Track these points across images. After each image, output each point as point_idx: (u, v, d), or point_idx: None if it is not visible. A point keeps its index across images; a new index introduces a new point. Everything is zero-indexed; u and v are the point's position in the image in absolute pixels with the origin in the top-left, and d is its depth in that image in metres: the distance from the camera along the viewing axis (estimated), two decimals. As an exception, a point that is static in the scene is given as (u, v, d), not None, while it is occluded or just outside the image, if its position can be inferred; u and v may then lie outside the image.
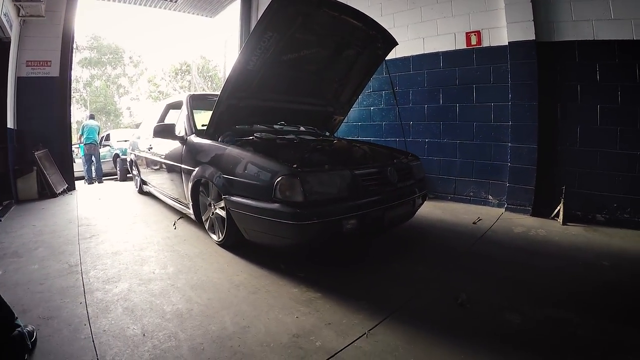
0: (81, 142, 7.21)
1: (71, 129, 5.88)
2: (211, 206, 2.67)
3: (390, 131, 4.99)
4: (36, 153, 4.78)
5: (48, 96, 5.07)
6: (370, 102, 5.20)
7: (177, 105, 3.69)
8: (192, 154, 2.84)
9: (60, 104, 5.24)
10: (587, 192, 3.45)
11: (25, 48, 4.92)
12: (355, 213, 2.09)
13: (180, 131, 3.13)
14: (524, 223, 3.39)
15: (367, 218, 2.17)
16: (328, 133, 3.81)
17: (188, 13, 8.58)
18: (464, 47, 4.24)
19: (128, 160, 5.35)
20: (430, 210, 3.82)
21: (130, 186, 5.68)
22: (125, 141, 7.34)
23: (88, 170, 6.92)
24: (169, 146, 3.31)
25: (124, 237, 2.88)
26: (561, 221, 3.37)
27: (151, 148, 3.87)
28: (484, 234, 3.04)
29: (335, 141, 3.26)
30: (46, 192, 4.76)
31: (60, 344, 1.41)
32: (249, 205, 2.13)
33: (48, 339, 1.44)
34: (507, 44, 3.83)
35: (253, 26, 3.60)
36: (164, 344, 1.42)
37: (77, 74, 25.66)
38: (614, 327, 1.58)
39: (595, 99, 3.39)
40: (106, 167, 7.54)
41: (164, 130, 3.13)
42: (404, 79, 4.76)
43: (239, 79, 2.53)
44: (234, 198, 2.25)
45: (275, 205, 1.98)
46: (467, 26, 4.21)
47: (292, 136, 3.16)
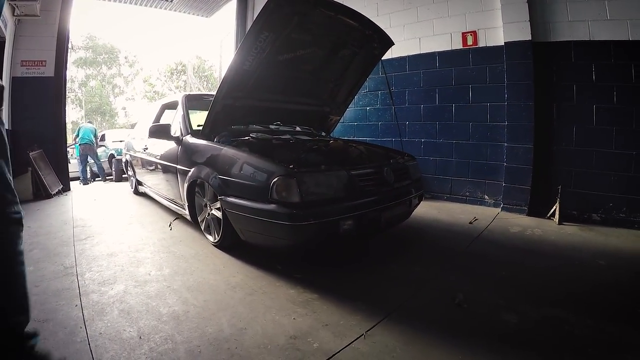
0: (76, 142, 7.17)
1: (66, 130, 5.84)
2: (207, 207, 2.66)
3: (386, 131, 4.99)
4: (31, 154, 4.73)
5: (43, 96, 5.03)
6: (366, 102, 5.20)
7: (173, 105, 3.67)
8: (188, 155, 2.82)
9: (55, 104, 5.20)
10: (583, 192, 3.47)
11: (20, 48, 4.89)
12: (351, 213, 2.08)
13: (175, 131, 3.11)
14: (520, 223, 3.41)
15: (364, 218, 2.16)
16: (324, 133, 3.81)
17: (184, 13, 8.55)
18: (460, 47, 4.25)
19: (123, 160, 5.31)
20: (426, 210, 3.82)
21: (125, 187, 5.64)
22: (120, 141, 7.29)
23: (83, 170, 6.86)
24: (165, 146, 3.29)
25: (120, 239, 2.86)
26: (557, 221, 3.38)
27: (146, 148, 3.84)
28: (481, 234, 3.05)
29: (331, 141, 3.25)
30: (41, 193, 4.71)
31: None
32: (245, 206, 2.12)
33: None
34: (504, 44, 3.85)
35: (249, 26, 3.60)
36: (161, 347, 1.41)
37: (72, 74, 25.52)
38: (612, 326, 1.58)
39: (591, 99, 3.41)
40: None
41: (160, 130, 3.11)
42: (400, 79, 4.76)
43: (235, 79, 2.51)
44: (230, 199, 2.23)
45: (271, 206, 1.97)
46: (464, 26, 4.22)
47: (288, 136, 3.15)
